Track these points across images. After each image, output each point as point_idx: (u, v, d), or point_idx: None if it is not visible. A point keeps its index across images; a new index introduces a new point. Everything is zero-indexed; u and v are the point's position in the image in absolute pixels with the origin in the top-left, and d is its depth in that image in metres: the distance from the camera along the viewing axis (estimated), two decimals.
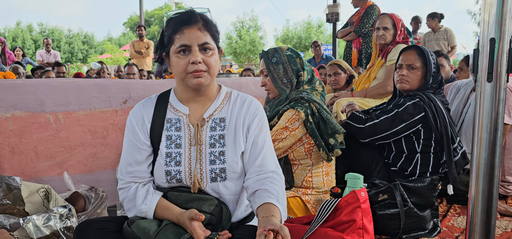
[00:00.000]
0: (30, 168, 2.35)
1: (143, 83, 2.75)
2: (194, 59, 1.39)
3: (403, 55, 2.40)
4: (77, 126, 2.48)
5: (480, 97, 1.18)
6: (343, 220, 1.61)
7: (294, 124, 2.06)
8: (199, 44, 1.41)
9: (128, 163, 1.49)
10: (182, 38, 1.40)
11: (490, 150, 1.18)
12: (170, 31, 1.44)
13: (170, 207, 1.41)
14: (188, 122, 1.50)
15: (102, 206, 2.14)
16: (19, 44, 26.35)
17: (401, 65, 2.39)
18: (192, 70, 1.40)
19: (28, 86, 2.37)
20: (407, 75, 2.34)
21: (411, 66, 2.34)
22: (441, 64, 3.65)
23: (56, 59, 9.09)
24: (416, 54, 2.34)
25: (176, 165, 1.46)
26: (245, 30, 28.20)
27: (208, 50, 1.43)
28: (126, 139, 1.52)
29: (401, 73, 2.37)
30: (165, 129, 1.50)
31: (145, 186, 1.48)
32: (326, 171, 2.21)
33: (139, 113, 1.52)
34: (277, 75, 2.18)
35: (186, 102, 1.52)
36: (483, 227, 1.23)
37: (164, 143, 1.48)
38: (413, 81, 2.35)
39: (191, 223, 1.31)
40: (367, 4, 4.79)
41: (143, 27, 8.84)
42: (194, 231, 1.29)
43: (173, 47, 1.43)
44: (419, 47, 2.37)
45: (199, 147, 1.46)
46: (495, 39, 1.12)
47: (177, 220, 1.37)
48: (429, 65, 2.31)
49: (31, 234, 1.73)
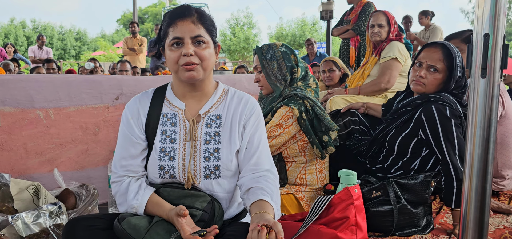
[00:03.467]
0: (19, 164, 2.32)
1: (135, 79, 2.73)
2: (186, 52, 1.38)
3: (426, 51, 2.06)
4: (68, 122, 2.45)
5: (473, 93, 1.18)
6: (336, 217, 1.60)
7: (287, 121, 2.05)
8: (191, 36, 1.39)
9: (122, 156, 1.47)
10: (175, 31, 1.40)
11: (484, 146, 1.18)
12: (165, 25, 1.44)
13: (160, 203, 1.40)
14: (184, 117, 1.48)
15: (93, 203, 2.11)
16: (12, 41, 26.11)
17: (421, 64, 2.06)
18: (183, 63, 1.39)
19: (18, 82, 2.33)
20: (425, 77, 2.03)
21: (433, 68, 2.02)
22: None
23: (49, 55, 9.01)
24: (441, 54, 2.01)
25: (170, 160, 1.44)
26: (239, 28, 28.16)
27: (201, 43, 1.41)
28: (121, 133, 1.50)
29: (419, 74, 2.05)
30: (161, 123, 1.48)
31: (138, 180, 1.46)
32: (319, 168, 2.20)
33: (135, 107, 1.51)
34: (271, 72, 2.17)
35: (183, 97, 1.51)
36: (476, 224, 1.22)
37: (159, 138, 1.47)
38: (431, 85, 2.04)
39: (177, 220, 1.29)
40: (363, 1, 4.78)
41: (136, 24, 8.78)
42: (181, 228, 1.27)
43: (167, 40, 1.42)
44: (447, 46, 2.03)
45: (194, 143, 1.45)
46: (489, 34, 1.12)
47: (167, 217, 1.35)
48: (455, 70, 1.99)
49: (20, 232, 1.70)
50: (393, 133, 2.13)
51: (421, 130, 2.00)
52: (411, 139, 2.06)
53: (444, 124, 1.92)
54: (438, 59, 2.01)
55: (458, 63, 2.01)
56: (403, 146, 2.09)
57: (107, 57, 24.96)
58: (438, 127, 1.93)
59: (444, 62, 2.01)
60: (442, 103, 1.96)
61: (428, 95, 2.04)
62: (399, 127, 2.11)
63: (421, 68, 2.05)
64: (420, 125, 2.00)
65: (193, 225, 1.33)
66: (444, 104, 1.96)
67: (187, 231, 1.26)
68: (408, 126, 2.06)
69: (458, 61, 2.01)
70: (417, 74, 2.05)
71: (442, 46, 2.04)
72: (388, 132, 2.15)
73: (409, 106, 2.10)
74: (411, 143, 2.07)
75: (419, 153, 2.07)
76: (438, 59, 2.01)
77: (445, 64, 2.01)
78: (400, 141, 2.09)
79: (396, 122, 2.13)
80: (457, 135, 1.92)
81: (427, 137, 1.98)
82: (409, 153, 2.09)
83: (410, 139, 2.07)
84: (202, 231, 1.27)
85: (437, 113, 1.93)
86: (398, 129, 2.11)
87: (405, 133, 2.07)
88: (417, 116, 2.01)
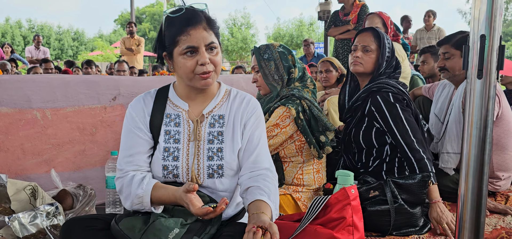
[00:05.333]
0: (16, 165, 2.31)
1: (132, 80, 2.72)
2: (203, 61, 1.37)
3: (359, 37, 2.30)
4: (65, 122, 2.44)
5: (470, 94, 1.18)
6: (333, 217, 1.60)
7: (285, 121, 2.05)
8: (205, 44, 1.39)
9: (128, 153, 1.46)
10: (188, 40, 1.37)
11: (480, 147, 1.18)
12: (173, 31, 1.40)
13: (166, 187, 1.39)
14: (188, 117, 1.49)
15: (90, 203, 2.11)
16: (8, 40, 26.01)
17: (356, 47, 2.27)
18: (201, 72, 1.38)
19: (15, 82, 2.32)
20: (361, 57, 2.23)
21: (366, 48, 2.24)
22: (425, 60, 3.68)
23: (46, 55, 8.98)
24: (372, 36, 2.25)
25: (173, 160, 1.45)
26: (237, 28, 28.16)
27: (213, 49, 1.41)
28: (125, 130, 1.49)
29: (355, 55, 2.26)
30: (164, 123, 1.49)
31: (142, 174, 1.45)
32: (317, 168, 2.20)
33: (139, 106, 1.51)
34: (268, 72, 2.17)
35: (186, 98, 1.51)
36: (472, 224, 1.23)
37: (163, 138, 1.47)
38: (367, 64, 2.24)
39: (186, 195, 1.28)
40: (360, 3, 4.80)
41: (134, 24, 8.75)
42: (190, 202, 1.27)
43: (178, 49, 1.40)
44: (375, 30, 2.28)
45: (198, 143, 1.45)
46: (485, 36, 1.12)
47: (175, 197, 1.34)
48: (383, 49, 2.23)
49: (16, 233, 1.70)
50: (354, 131, 2.26)
51: (374, 120, 2.18)
52: (371, 130, 2.21)
53: (390, 111, 2.09)
54: (370, 40, 2.24)
55: (387, 44, 2.24)
56: (367, 139, 2.23)
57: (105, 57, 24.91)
58: (386, 114, 2.10)
59: (375, 42, 2.23)
60: (385, 90, 2.12)
61: (371, 86, 2.19)
62: (357, 123, 2.25)
63: (357, 50, 2.26)
64: (372, 116, 2.16)
65: (199, 200, 1.32)
66: (387, 90, 2.12)
67: (197, 205, 1.26)
68: (364, 119, 2.22)
69: (386, 42, 2.25)
70: (354, 56, 2.26)
71: (371, 30, 2.28)
72: (350, 131, 2.29)
73: (358, 101, 2.24)
74: (372, 133, 2.21)
75: (384, 140, 2.20)
76: (370, 40, 2.24)
77: (376, 43, 2.23)
78: (363, 136, 2.24)
79: (353, 120, 2.27)
80: (405, 117, 2.08)
81: (381, 125, 2.16)
82: (375, 143, 2.22)
83: (369, 130, 2.22)
84: (211, 204, 1.26)
85: (383, 102, 2.10)
86: (357, 125, 2.25)
87: (364, 126, 2.23)
88: (368, 109, 2.18)
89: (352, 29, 4.76)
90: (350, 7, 4.89)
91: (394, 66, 2.27)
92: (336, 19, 5.02)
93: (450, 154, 2.43)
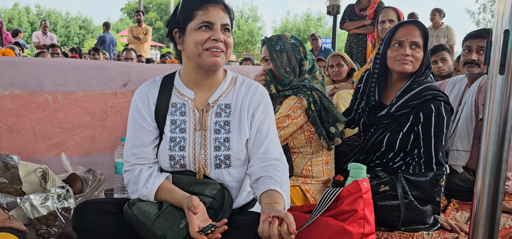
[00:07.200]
0: (27, 147, 2.32)
1: (143, 66, 2.72)
2: (217, 37, 1.37)
3: (402, 30, 2.02)
4: (76, 107, 2.45)
5: (491, 90, 1.17)
6: (344, 209, 1.59)
7: (296, 112, 2.04)
8: (222, 23, 1.39)
9: (134, 144, 1.46)
10: (206, 15, 1.37)
11: (499, 143, 1.17)
12: (192, 6, 1.39)
13: (173, 191, 1.39)
14: (193, 106, 1.47)
15: (100, 188, 2.11)
16: (15, 26, 26.06)
17: (401, 42, 1.99)
18: (211, 46, 1.37)
19: (27, 65, 2.33)
20: (411, 55, 1.98)
21: (415, 44, 1.98)
22: (444, 58, 3.64)
23: (53, 41, 9.01)
24: (418, 31, 2.00)
25: (180, 150, 1.44)
26: (244, 20, 28.08)
27: (227, 31, 1.41)
28: (131, 121, 1.49)
29: (404, 53, 1.97)
30: (170, 113, 1.47)
31: (150, 169, 1.45)
32: (326, 160, 2.20)
33: (144, 94, 1.50)
34: (280, 64, 2.16)
35: (192, 86, 1.49)
36: (488, 221, 1.22)
37: (169, 127, 1.46)
38: (417, 62, 1.99)
39: (188, 213, 1.28)
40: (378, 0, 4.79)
41: (142, 12, 8.76)
42: (190, 222, 1.26)
43: (192, 23, 1.39)
44: (420, 23, 2.04)
45: (204, 133, 1.44)
46: (509, 31, 1.11)
47: (180, 205, 1.35)
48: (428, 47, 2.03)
49: (28, 214, 1.71)
50: (389, 135, 2.07)
51: (416, 125, 2.00)
52: (410, 134, 2.04)
53: (437, 122, 1.93)
54: (418, 35, 2.00)
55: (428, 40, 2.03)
56: (403, 143, 2.06)
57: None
58: (432, 124, 1.94)
59: (422, 38, 2.01)
60: (439, 99, 1.95)
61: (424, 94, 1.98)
62: (396, 127, 2.05)
63: (404, 47, 1.99)
64: (417, 121, 1.99)
65: (205, 215, 1.32)
66: (440, 99, 1.95)
67: (195, 228, 1.24)
68: (405, 125, 2.03)
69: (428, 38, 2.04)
70: (403, 53, 1.98)
71: (416, 24, 2.03)
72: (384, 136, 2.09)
73: (406, 108, 2.02)
74: (410, 137, 2.04)
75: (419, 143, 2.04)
76: (418, 35, 2.00)
77: (423, 40, 2.01)
78: (400, 139, 2.05)
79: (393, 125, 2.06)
80: (445, 133, 1.95)
81: (418, 130, 1.99)
82: (409, 147, 2.06)
83: (408, 135, 2.04)
84: (211, 226, 1.25)
85: (435, 110, 1.93)
86: (395, 129, 2.05)
87: (405, 130, 2.03)
88: (415, 116, 1.99)
89: (369, 24, 4.73)
90: (367, 2, 4.85)
91: (428, 65, 2.07)
92: (351, 13, 4.98)
93: (460, 151, 2.42)
